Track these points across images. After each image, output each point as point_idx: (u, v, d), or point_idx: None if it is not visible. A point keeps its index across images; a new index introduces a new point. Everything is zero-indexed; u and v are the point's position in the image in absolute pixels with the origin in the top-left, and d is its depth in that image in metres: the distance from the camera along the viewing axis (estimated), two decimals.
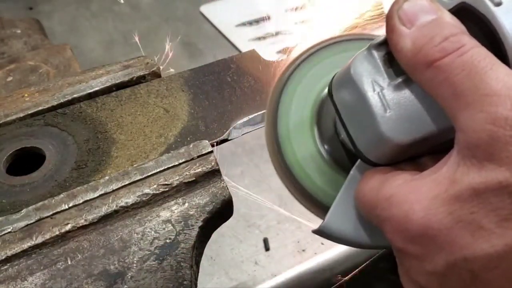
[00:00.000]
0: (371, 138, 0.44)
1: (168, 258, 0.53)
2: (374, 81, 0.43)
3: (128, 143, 0.64)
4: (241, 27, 1.46)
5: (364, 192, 0.45)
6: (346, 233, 0.50)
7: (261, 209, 1.00)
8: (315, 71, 0.56)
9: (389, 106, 0.42)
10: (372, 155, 0.46)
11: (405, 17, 0.42)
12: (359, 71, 0.44)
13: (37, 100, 0.69)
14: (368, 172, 0.46)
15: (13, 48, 0.96)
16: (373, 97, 0.43)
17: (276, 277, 0.91)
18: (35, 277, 0.51)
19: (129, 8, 1.55)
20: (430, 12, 0.41)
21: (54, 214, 0.55)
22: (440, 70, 0.39)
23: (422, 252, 0.40)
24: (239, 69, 0.74)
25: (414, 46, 0.41)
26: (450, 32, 0.40)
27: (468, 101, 0.38)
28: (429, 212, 0.39)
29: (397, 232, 0.41)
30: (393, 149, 0.43)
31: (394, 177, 0.43)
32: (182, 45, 1.41)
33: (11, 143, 0.64)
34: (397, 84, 0.43)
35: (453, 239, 0.38)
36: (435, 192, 0.39)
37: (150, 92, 0.70)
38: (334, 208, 0.50)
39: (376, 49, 0.44)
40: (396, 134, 0.42)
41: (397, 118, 0.42)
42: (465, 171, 0.38)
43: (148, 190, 0.57)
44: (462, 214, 0.38)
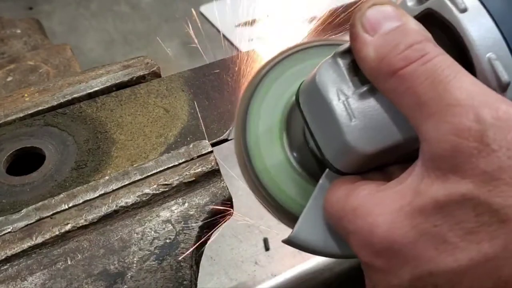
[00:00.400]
0: (337, 147, 0.44)
1: (168, 258, 0.53)
2: (339, 90, 0.43)
3: (128, 143, 0.64)
4: (241, 27, 1.46)
5: (332, 203, 0.45)
6: (316, 243, 0.49)
7: (261, 209, 1.00)
8: (284, 78, 0.55)
9: (354, 115, 0.42)
10: (339, 164, 0.45)
11: (368, 24, 0.41)
12: (324, 80, 0.43)
13: (37, 100, 0.69)
14: (336, 181, 0.46)
15: (13, 48, 0.96)
16: (338, 106, 0.42)
17: (276, 277, 0.91)
18: (35, 277, 0.51)
19: (129, 8, 1.55)
20: (394, 19, 0.40)
21: (54, 214, 0.55)
22: (403, 79, 0.38)
23: (387, 266, 0.40)
24: (239, 69, 0.74)
25: (377, 55, 0.40)
26: (414, 40, 0.39)
27: (431, 111, 0.37)
28: (393, 225, 0.38)
29: (362, 246, 0.41)
30: (359, 158, 0.43)
31: (360, 188, 0.42)
32: (182, 45, 1.41)
33: (11, 143, 0.64)
34: (362, 92, 0.42)
35: (417, 252, 0.38)
36: (399, 204, 0.39)
37: (150, 92, 0.70)
38: (303, 218, 0.49)
39: (341, 56, 0.44)
40: (362, 144, 0.42)
41: (363, 128, 0.42)
42: (429, 183, 0.37)
43: (148, 190, 0.57)
44: (426, 227, 0.37)
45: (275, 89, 0.55)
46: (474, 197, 0.36)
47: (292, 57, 0.56)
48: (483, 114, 0.35)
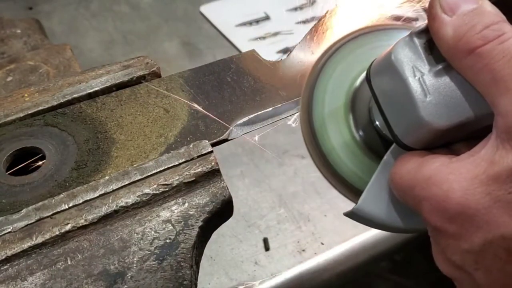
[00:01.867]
0: (410, 122, 0.46)
1: (168, 258, 0.53)
2: (415, 67, 0.45)
3: (128, 143, 0.64)
4: (241, 27, 1.46)
5: (401, 174, 0.47)
6: (379, 216, 0.51)
7: (261, 209, 1.00)
8: (349, 60, 0.58)
9: (429, 91, 0.44)
10: (409, 140, 0.47)
11: (446, 5, 0.43)
12: (400, 57, 0.45)
13: (37, 100, 0.69)
14: (404, 155, 0.48)
15: (13, 48, 0.96)
16: (413, 83, 0.44)
17: (276, 277, 0.91)
18: (35, 277, 0.51)
19: (129, 8, 1.55)
20: (471, 1, 0.43)
21: (54, 214, 0.55)
22: (480, 57, 0.40)
23: (460, 231, 0.41)
24: (239, 69, 0.74)
25: (455, 34, 0.42)
26: (491, 21, 0.41)
27: (508, 86, 0.39)
28: (468, 192, 0.40)
29: (435, 211, 0.42)
30: (431, 133, 0.45)
31: (432, 159, 0.44)
32: (182, 45, 1.41)
33: (11, 143, 0.64)
34: (437, 70, 0.44)
35: (491, 218, 0.39)
36: (474, 173, 0.40)
37: (150, 92, 0.70)
38: (368, 192, 0.51)
39: (417, 36, 0.45)
40: (435, 119, 0.44)
41: (437, 103, 0.44)
42: (503, 154, 0.39)
43: (148, 190, 0.57)
44: (500, 194, 0.39)
45: (340, 70, 0.57)
46: None
47: (359, 39, 0.58)
48: None
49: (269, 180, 1.05)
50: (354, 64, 0.57)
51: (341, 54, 0.58)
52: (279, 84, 0.72)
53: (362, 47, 0.58)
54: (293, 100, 0.71)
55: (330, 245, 0.95)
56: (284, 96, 0.71)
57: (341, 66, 0.58)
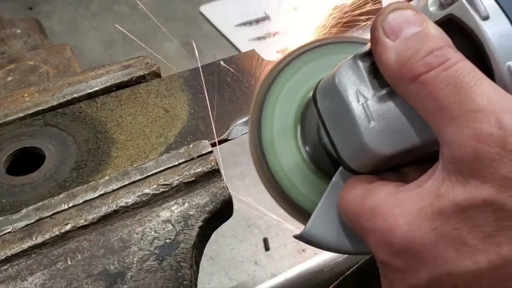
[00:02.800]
0: (354, 148, 0.44)
1: (168, 258, 0.53)
2: (358, 92, 0.43)
3: (128, 143, 0.64)
4: (241, 27, 1.46)
5: (348, 201, 0.45)
6: (328, 240, 0.50)
7: (261, 209, 1.00)
8: (299, 75, 0.56)
9: (372, 117, 0.42)
10: (355, 164, 0.46)
11: (389, 29, 0.41)
12: (344, 81, 0.44)
13: (37, 100, 0.69)
14: (352, 180, 0.46)
15: (13, 48, 0.96)
16: (357, 108, 0.43)
17: (276, 277, 0.91)
18: (35, 277, 0.51)
19: (129, 8, 1.55)
20: (415, 24, 0.41)
21: (54, 214, 0.55)
22: (424, 84, 0.39)
23: (406, 266, 0.40)
24: (239, 69, 0.74)
25: (398, 59, 0.40)
26: (435, 46, 0.39)
27: (453, 115, 0.37)
28: (413, 226, 0.39)
29: (381, 245, 0.41)
30: (376, 159, 0.43)
31: (379, 188, 0.43)
32: (182, 45, 1.41)
33: (11, 143, 0.64)
34: (381, 95, 0.43)
35: (437, 253, 0.38)
36: (420, 206, 0.39)
37: (150, 92, 0.70)
38: (316, 214, 0.50)
39: (361, 59, 0.44)
40: (379, 146, 0.42)
41: (381, 130, 0.42)
42: (449, 187, 0.38)
43: (148, 190, 0.57)
44: (446, 229, 0.38)
45: (290, 86, 0.56)
46: (495, 202, 0.36)
47: (307, 54, 0.57)
48: (504, 120, 0.36)
49: None
50: (305, 79, 0.56)
51: (293, 68, 0.56)
52: None
53: (314, 61, 0.56)
54: None
55: None
56: None
57: (292, 80, 0.56)
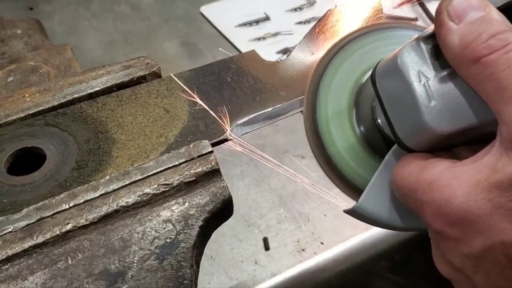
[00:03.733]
0: (413, 126, 0.46)
1: (169, 258, 0.54)
2: (420, 72, 0.45)
3: (129, 143, 0.65)
4: (241, 27, 1.46)
5: (403, 176, 0.47)
6: (379, 214, 0.52)
7: (261, 209, 1.01)
8: (354, 58, 0.58)
9: (433, 97, 0.44)
10: (411, 142, 0.47)
11: (454, 13, 0.43)
12: (407, 61, 0.46)
13: (37, 100, 0.69)
14: (406, 157, 0.48)
15: (13, 49, 0.96)
16: (418, 87, 0.45)
17: (276, 276, 0.91)
18: (35, 277, 0.51)
19: (129, 8, 1.55)
20: (479, 9, 0.43)
21: (55, 214, 0.55)
22: (486, 66, 0.41)
23: (460, 235, 0.42)
24: (239, 69, 0.74)
25: (461, 42, 0.42)
26: (498, 30, 0.41)
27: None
28: (470, 197, 0.41)
29: (437, 215, 0.43)
30: (433, 138, 0.45)
31: (435, 163, 0.45)
32: (182, 45, 1.41)
33: (11, 143, 0.64)
34: (442, 76, 0.44)
35: (491, 224, 0.40)
36: (476, 179, 0.41)
37: (151, 92, 0.71)
38: (369, 190, 0.52)
39: (424, 41, 0.46)
40: (439, 124, 0.44)
41: (441, 109, 0.44)
42: (506, 162, 0.40)
43: (149, 189, 0.57)
44: (502, 201, 0.39)
45: (344, 69, 0.58)
46: None
47: (363, 38, 0.59)
48: None
49: (269, 180, 1.06)
50: (358, 63, 0.58)
51: (345, 52, 0.58)
52: (279, 84, 0.73)
53: (366, 46, 0.58)
54: (292, 100, 0.71)
55: (330, 245, 0.95)
56: (284, 96, 0.71)
57: (345, 65, 0.58)
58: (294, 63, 0.75)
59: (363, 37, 0.59)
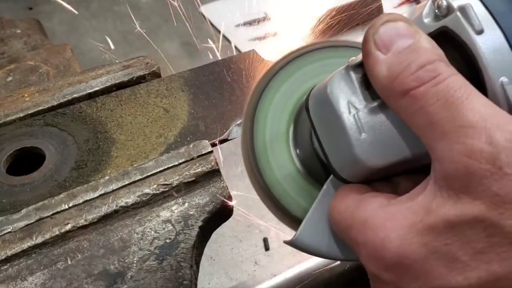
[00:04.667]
0: (345, 158, 0.44)
1: (168, 258, 0.53)
2: (350, 103, 0.43)
3: (128, 143, 0.64)
4: (241, 27, 1.46)
5: (339, 210, 0.45)
6: (318, 246, 0.50)
7: (261, 209, 1.00)
8: (293, 80, 0.56)
9: (364, 129, 0.42)
10: (346, 174, 0.46)
11: (380, 42, 0.41)
12: (336, 92, 0.44)
13: (37, 100, 0.69)
14: (343, 189, 0.46)
15: (13, 48, 0.96)
16: (348, 119, 0.43)
17: (276, 277, 0.91)
18: (35, 277, 0.51)
19: (129, 8, 1.55)
20: (407, 37, 0.40)
21: (54, 214, 0.55)
22: (415, 99, 0.38)
23: (397, 280, 0.40)
24: (239, 69, 0.74)
25: (389, 73, 0.40)
26: (427, 60, 0.39)
27: (444, 131, 0.37)
28: (405, 241, 0.39)
29: (372, 258, 0.41)
30: (366, 171, 0.43)
31: (370, 200, 0.43)
32: (182, 45, 1.41)
33: (11, 143, 0.64)
34: (373, 107, 0.42)
35: (428, 269, 0.38)
36: (411, 221, 0.39)
37: (150, 92, 0.70)
38: (307, 221, 0.50)
39: (354, 70, 0.44)
40: (370, 158, 0.42)
41: (372, 142, 0.42)
42: (440, 203, 0.38)
43: (148, 190, 0.57)
44: (437, 245, 0.38)
45: (283, 91, 0.55)
46: (486, 219, 0.36)
47: (301, 58, 0.56)
48: (495, 136, 0.36)
49: None
50: (299, 83, 0.55)
51: (286, 72, 0.56)
52: None
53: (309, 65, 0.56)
54: None
55: None
56: None
57: (285, 85, 0.55)
58: None
59: (305, 56, 0.56)
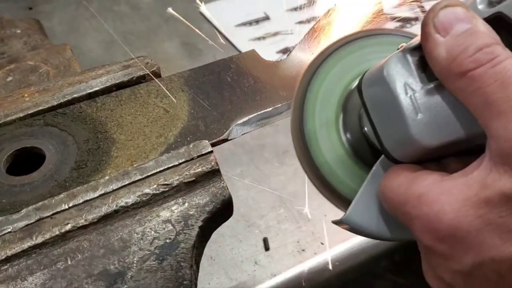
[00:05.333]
0: (400, 138, 0.45)
1: (168, 258, 0.53)
2: (406, 84, 0.44)
3: (128, 143, 0.64)
4: (241, 27, 1.46)
5: (391, 188, 0.46)
6: (367, 226, 0.51)
7: (261, 209, 1.00)
8: (343, 64, 0.57)
9: (420, 110, 0.43)
10: (398, 154, 0.47)
11: (440, 25, 0.43)
12: (393, 74, 0.45)
13: (37, 100, 0.69)
14: (395, 168, 0.48)
15: (13, 48, 0.96)
16: (405, 100, 0.44)
17: (276, 277, 0.91)
18: (35, 277, 0.51)
19: (129, 8, 1.55)
20: (465, 21, 0.42)
21: (54, 214, 0.55)
22: (473, 80, 0.40)
23: (450, 252, 0.42)
24: (239, 69, 0.74)
25: (448, 55, 0.42)
26: (484, 43, 0.41)
27: (500, 110, 0.39)
28: (459, 214, 0.40)
29: (426, 231, 0.43)
30: (420, 151, 0.45)
31: (423, 177, 0.44)
32: (182, 45, 1.41)
33: (11, 143, 0.64)
34: (429, 89, 0.44)
35: (481, 240, 0.40)
36: (466, 194, 0.41)
37: (150, 92, 0.70)
38: (356, 201, 0.51)
39: (410, 53, 0.45)
40: (425, 138, 0.44)
41: (428, 122, 0.43)
42: (496, 177, 0.39)
43: (148, 190, 0.57)
44: (492, 217, 0.39)
45: (332, 77, 0.57)
46: None
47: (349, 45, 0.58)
48: None
49: (269, 180, 1.05)
50: (348, 69, 0.57)
51: (336, 58, 0.57)
52: (279, 84, 0.72)
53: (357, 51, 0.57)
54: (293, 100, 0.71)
55: (330, 245, 0.95)
56: (284, 96, 0.71)
57: (334, 71, 0.57)
58: (294, 63, 0.75)
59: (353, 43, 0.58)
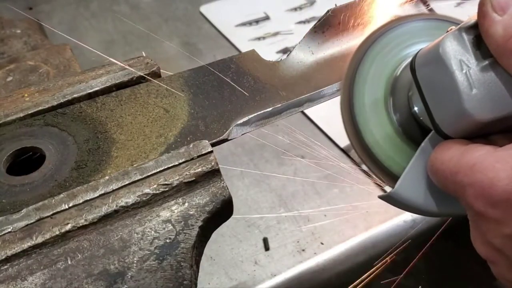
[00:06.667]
0: (454, 113, 0.48)
1: (168, 258, 0.53)
2: (462, 61, 0.47)
3: (128, 143, 0.64)
4: (241, 27, 1.46)
5: (443, 160, 0.49)
6: (415, 200, 0.54)
7: (261, 209, 1.01)
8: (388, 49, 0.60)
9: (474, 85, 0.46)
10: (450, 129, 0.49)
11: (497, 4, 0.45)
12: (449, 51, 0.48)
13: (37, 100, 0.69)
14: (445, 142, 0.50)
15: (13, 48, 0.96)
16: (460, 76, 0.47)
17: (276, 277, 0.91)
18: (35, 277, 0.51)
19: (129, 8, 1.55)
20: None
21: (54, 214, 0.55)
22: None
23: (502, 216, 0.44)
24: (239, 69, 0.74)
25: (505, 33, 0.44)
26: None
27: None
28: None
29: (480, 196, 0.44)
30: (473, 125, 0.47)
31: (476, 148, 0.47)
32: (182, 45, 1.41)
33: (11, 143, 0.64)
34: (484, 65, 0.46)
35: None
36: None
37: (150, 92, 0.70)
38: (405, 176, 0.54)
39: (466, 31, 0.48)
40: (479, 112, 0.46)
41: (482, 97, 0.46)
42: None
43: (148, 190, 0.57)
44: None
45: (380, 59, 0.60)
46: None
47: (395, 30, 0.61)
48: None
49: (269, 180, 1.05)
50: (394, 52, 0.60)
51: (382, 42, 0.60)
52: (279, 84, 0.72)
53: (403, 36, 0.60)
54: (293, 100, 0.71)
55: (330, 245, 0.95)
56: (284, 96, 0.71)
57: (383, 53, 0.60)
58: (294, 63, 0.75)
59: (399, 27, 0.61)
